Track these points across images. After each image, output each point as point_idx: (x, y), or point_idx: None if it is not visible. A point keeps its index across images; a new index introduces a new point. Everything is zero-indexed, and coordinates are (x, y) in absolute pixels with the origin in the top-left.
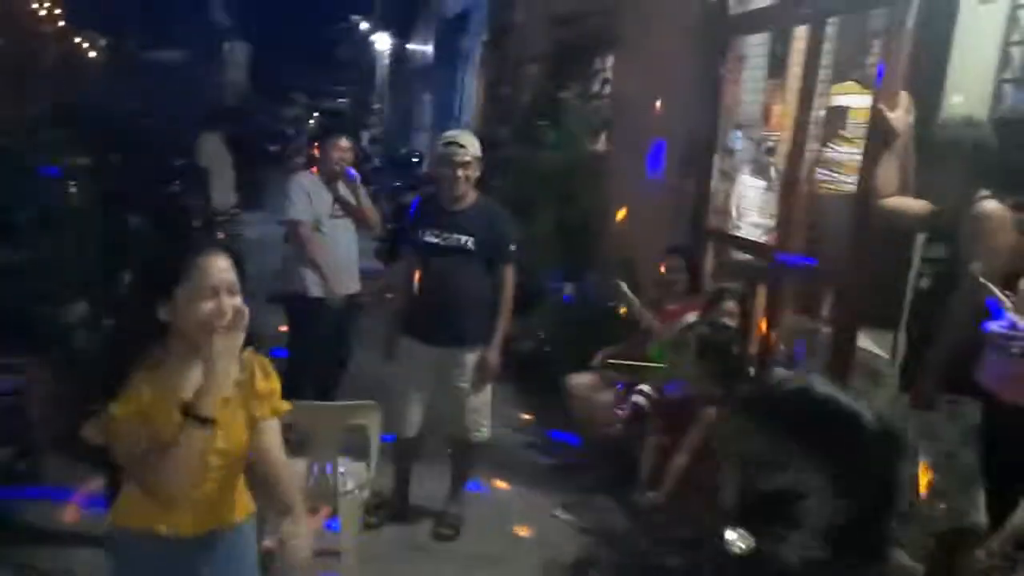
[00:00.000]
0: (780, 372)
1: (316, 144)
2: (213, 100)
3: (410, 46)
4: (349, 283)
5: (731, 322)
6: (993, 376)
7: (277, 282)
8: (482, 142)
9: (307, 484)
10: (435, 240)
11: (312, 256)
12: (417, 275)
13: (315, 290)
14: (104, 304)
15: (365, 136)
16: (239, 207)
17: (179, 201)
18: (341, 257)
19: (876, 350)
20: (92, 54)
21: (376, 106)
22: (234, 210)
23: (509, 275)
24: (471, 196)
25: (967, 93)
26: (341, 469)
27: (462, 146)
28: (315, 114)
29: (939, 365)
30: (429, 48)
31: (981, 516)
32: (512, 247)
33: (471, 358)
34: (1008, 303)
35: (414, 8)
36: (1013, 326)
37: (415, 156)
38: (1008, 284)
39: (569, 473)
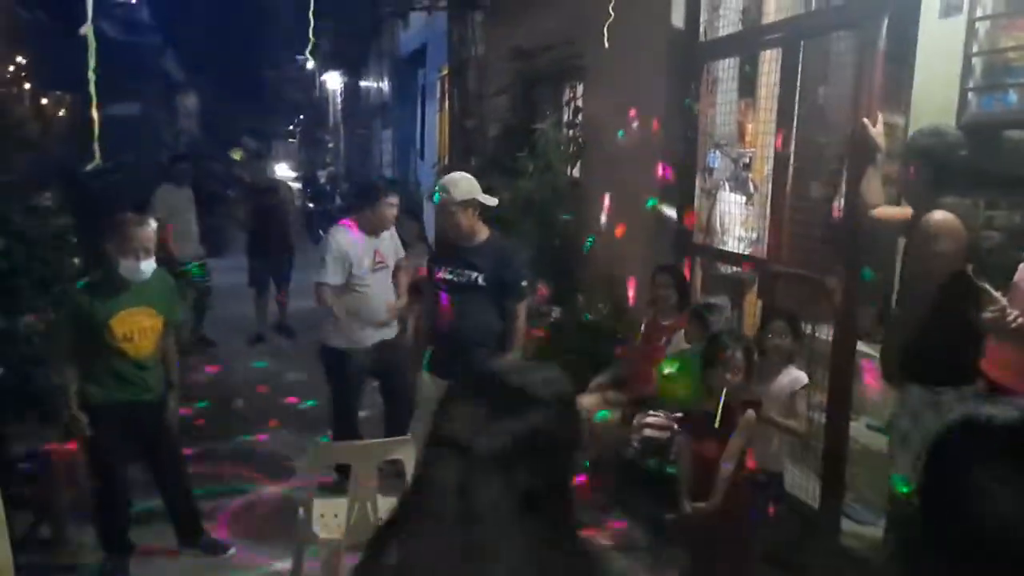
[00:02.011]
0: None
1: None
2: (168, 151)
3: (363, 83)
4: (387, 330)
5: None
6: (995, 364)
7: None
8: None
9: (348, 522)
10: (449, 277)
11: (338, 314)
12: (434, 311)
13: (355, 341)
14: None
15: (321, 175)
16: (205, 256)
17: None
18: (380, 307)
19: (868, 350)
20: (60, 113)
21: (330, 144)
22: (200, 260)
23: (521, 310)
24: (482, 233)
25: (933, 104)
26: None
27: (448, 192)
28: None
29: (921, 351)
30: (384, 84)
31: None
32: (523, 283)
33: None
34: (1002, 299)
35: (365, 46)
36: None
37: None
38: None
39: (579, 493)
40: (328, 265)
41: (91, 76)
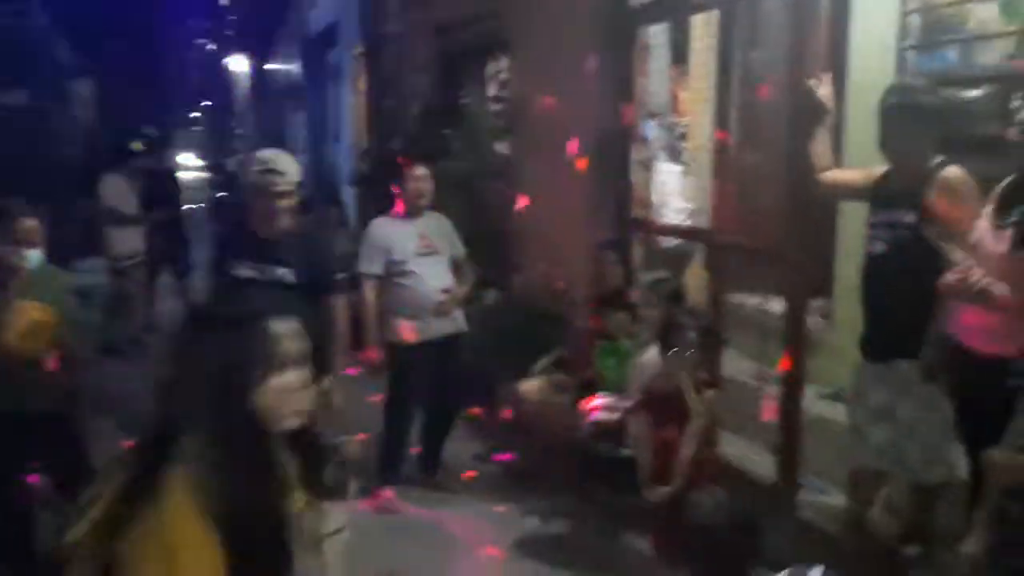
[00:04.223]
0: None
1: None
2: (110, 140)
3: (271, 65)
4: (445, 323)
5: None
6: (959, 326)
7: None
8: (375, 157)
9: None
10: (251, 274)
11: (376, 309)
12: None
13: (409, 335)
14: None
15: (229, 163)
16: (142, 252)
17: None
18: (433, 295)
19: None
20: None
21: (238, 131)
22: (139, 256)
23: (339, 307)
24: (289, 223)
25: (871, 64)
26: None
27: (281, 173)
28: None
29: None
30: (294, 66)
31: (958, 471)
32: (338, 275)
33: None
34: (967, 260)
35: (270, 27)
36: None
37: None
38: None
39: (524, 480)
40: (362, 253)
41: None
